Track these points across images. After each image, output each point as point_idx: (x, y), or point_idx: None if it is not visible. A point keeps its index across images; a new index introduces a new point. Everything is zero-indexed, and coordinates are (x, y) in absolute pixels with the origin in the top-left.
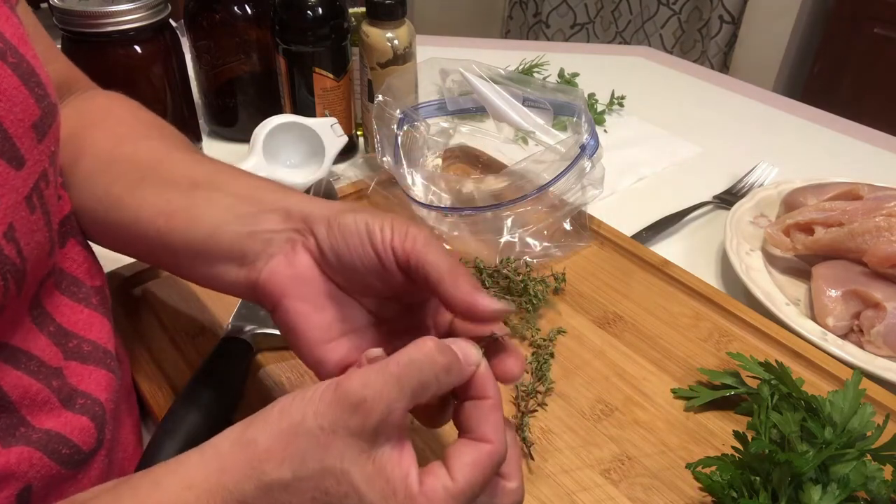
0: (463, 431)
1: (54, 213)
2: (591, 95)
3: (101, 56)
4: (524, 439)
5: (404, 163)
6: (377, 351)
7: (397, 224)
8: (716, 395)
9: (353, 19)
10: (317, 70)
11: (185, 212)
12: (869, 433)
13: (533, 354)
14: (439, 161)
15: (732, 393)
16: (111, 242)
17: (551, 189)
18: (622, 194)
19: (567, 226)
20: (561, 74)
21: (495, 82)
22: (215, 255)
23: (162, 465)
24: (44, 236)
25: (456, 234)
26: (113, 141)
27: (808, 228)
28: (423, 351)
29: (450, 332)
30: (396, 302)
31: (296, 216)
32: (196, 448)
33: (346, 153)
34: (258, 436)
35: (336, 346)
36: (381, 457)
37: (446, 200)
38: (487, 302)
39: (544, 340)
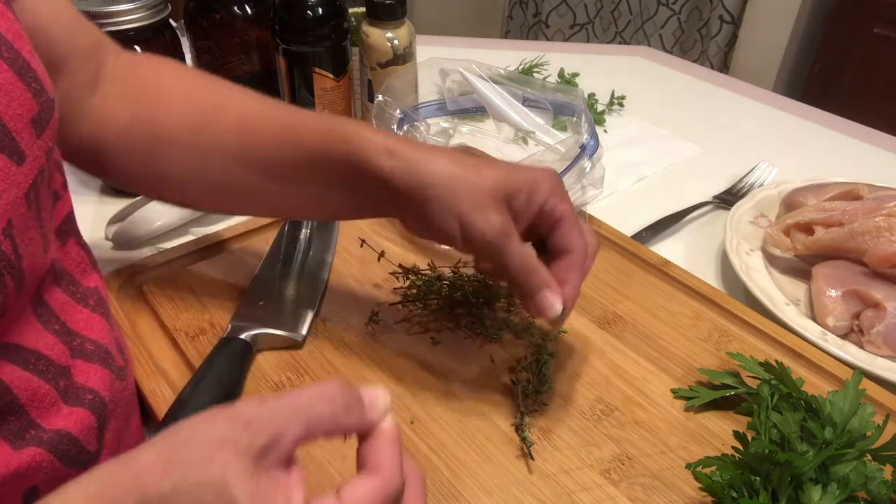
0: (359, 468)
1: (46, 210)
2: (591, 95)
3: None
4: (524, 439)
5: None
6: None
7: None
8: (716, 395)
9: (353, 19)
10: (317, 70)
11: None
12: (869, 433)
13: (533, 354)
14: None
15: (732, 393)
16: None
17: None
18: (622, 194)
19: None
20: (561, 74)
21: (495, 82)
22: None
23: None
24: (37, 233)
25: None
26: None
27: (808, 228)
28: (323, 387)
29: None
30: None
31: None
32: (91, 469)
33: None
34: (146, 451)
35: None
36: (266, 476)
37: None
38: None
39: (544, 340)
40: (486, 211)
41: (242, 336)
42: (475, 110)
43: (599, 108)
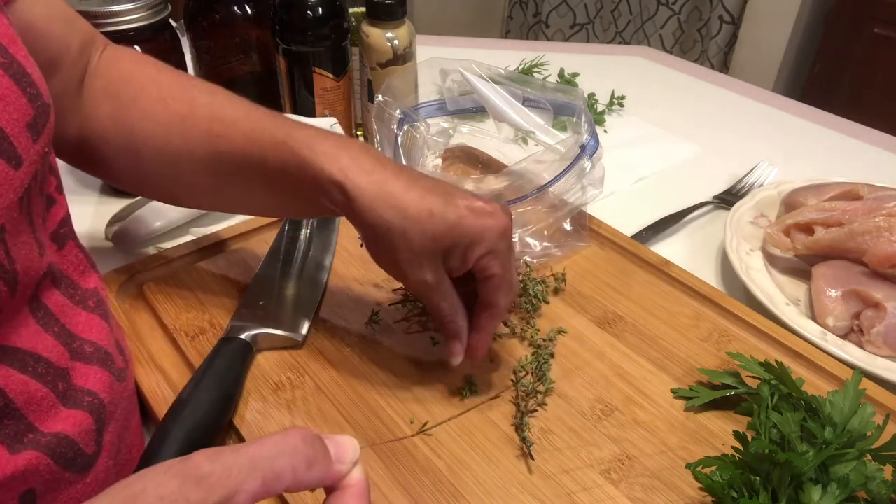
0: None
1: (38, 214)
2: (591, 95)
3: None
4: (524, 439)
5: (404, 163)
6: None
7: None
8: (716, 395)
9: (353, 19)
10: (317, 70)
11: None
12: (869, 433)
13: (533, 354)
14: (439, 161)
15: (732, 393)
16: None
17: (551, 189)
18: (622, 194)
19: (567, 226)
20: (561, 74)
21: (495, 82)
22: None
23: None
24: (30, 237)
25: None
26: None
27: (808, 228)
28: (285, 438)
29: None
30: None
31: None
32: None
33: None
34: None
35: None
36: None
37: None
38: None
39: (544, 340)
40: (420, 267)
41: (242, 336)
42: (475, 110)
43: (599, 108)
